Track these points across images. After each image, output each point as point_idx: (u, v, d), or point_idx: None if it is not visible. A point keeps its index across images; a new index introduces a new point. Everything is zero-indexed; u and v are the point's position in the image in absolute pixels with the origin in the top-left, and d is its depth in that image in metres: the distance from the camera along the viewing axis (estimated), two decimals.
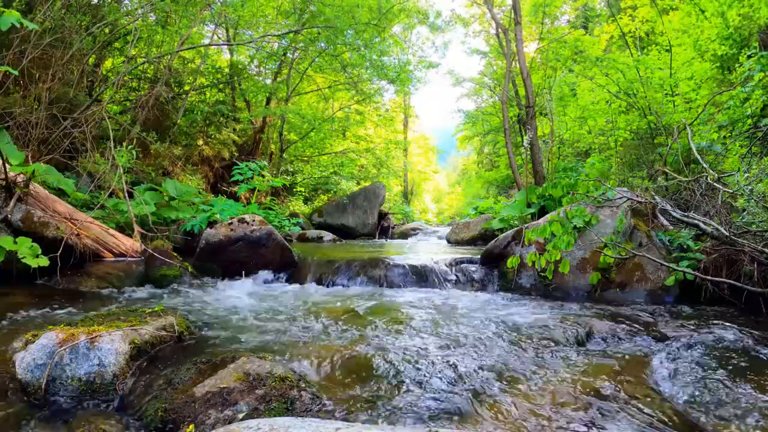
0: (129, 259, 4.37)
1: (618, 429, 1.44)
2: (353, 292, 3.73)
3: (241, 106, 11.12)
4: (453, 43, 50.83)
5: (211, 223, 4.76)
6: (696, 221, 3.32)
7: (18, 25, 2.72)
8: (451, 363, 1.96)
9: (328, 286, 3.99)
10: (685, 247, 3.47)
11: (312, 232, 8.73)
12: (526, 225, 4.09)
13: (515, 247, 3.94)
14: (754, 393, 1.68)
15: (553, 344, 2.26)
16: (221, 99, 10.57)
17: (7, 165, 3.57)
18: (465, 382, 1.77)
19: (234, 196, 8.65)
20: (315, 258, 4.50)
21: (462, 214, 18.23)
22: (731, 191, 3.51)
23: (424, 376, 1.82)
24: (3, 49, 5.00)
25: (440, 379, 1.80)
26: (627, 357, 2.08)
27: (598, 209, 3.88)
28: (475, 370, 1.88)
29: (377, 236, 10.74)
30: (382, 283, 3.98)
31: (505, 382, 1.78)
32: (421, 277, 4.03)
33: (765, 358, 2.06)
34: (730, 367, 1.94)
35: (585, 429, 1.45)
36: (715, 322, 2.65)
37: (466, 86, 19.17)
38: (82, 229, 3.98)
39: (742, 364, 1.99)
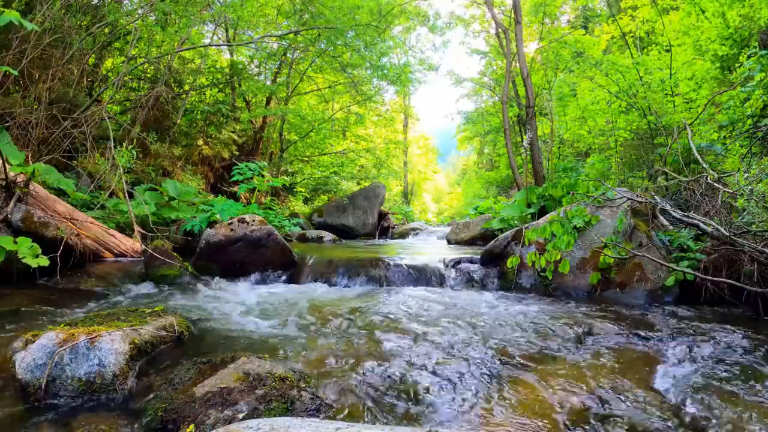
0: (129, 259, 4.37)
1: (617, 428, 1.44)
2: (353, 291, 3.73)
3: (241, 106, 11.12)
4: (453, 44, 50.69)
5: (211, 224, 4.76)
6: (696, 221, 3.32)
7: (17, 23, 2.71)
8: (450, 362, 1.96)
9: (328, 286, 3.99)
10: (685, 247, 3.47)
11: (312, 232, 8.72)
12: (526, 225, 4.09)
13: (515, 247, 3.94)
14: (754, 393, 1.68)
15: (552, 344, 2.26)
16: (221, 99, 10.57)
17: (7, 165, 3.57)
18: (464, 382, 1.77)
19: (234, 196, 8.65)
20: (315, 258, 4.50)
21: (462, 214, 18.23)
22: (731, 191, 3.51)
23: (424, 375, 1.82)
24: (3, 49, 5.00)
25: (440, 378, 1.80)
26: (626, 357, 2.08)
27: (598, 209, 3.88)
28: (474, 370, 1.88)
29: (377, 236, 10.73)
30: (382, 282, 3.99)
31: (504, 382, 1.78)
32: (421, 276, 4.03)
33: (763, 358, 2.06)
34: (730, 368, 1.94)
35: (583, 428, 1.45)
36: (715, 322, 2.65)
37: (467, 86, 19.15)
38: (82, 229, 3.98)
39: (742, 364, 1.99)
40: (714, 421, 1.51)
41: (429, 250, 6.28)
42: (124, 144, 5.45)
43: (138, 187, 5.90)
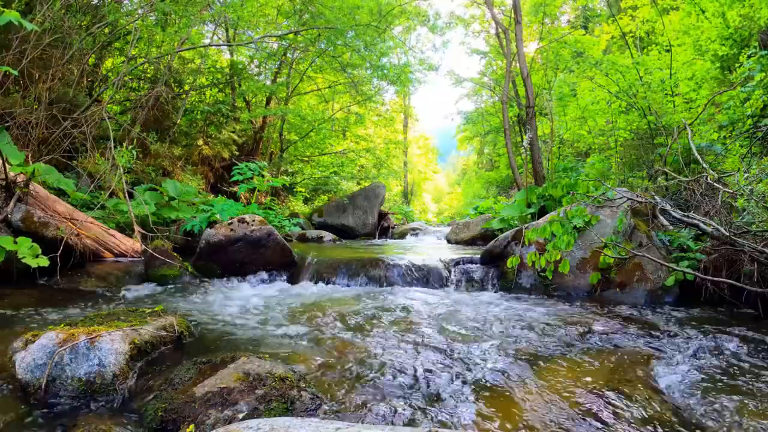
0: (129, 259, 4.37)
1: (617, 428, 1.44)
2: (353, 291, 3.73)
3: (241, 106, 11.12)
4: (453, 44, 50.73)
5: (211, 224, 4.76)
6: (696, 221, 3.32)
7: (17, 23, 2.71)
8: (450, 362, 1.96)
9: (328, 286, 3.99)
10: (685, 247, 3.47)
11: (312, 232, 8.72)
12: (526, 225, 4.09)
13: (515, 247, 3.94)
14: (753, 393, 1.68)
15: (552, 344, 2.26)
16: (221, 99, 10.57)
17: (7, 165, 3.57)
18: (464, 381, 1.77)
19: (234, 196, 8.65)
20: (315, 258, 4.50)
21: (462, 214, 18.23)
22: (731, 191, 3.51)
23: (424, 375, 1.82)
24: (3, 49, 5.00)
25: (440, 378, 1.80)
26: (626, 356, 2.08)
27: (598, 209, 3.88)
28: (474, 370, 1.88)
29: (377, 236, 10.73)
30: (382, 282, 3.99)
31: (504, 382, 1.78)
32: (421, 276, 4.03)
33: (763, 358, 2.06)
34: (730, 368, 1.94)
35: (584, 428, 1.45)
36: (715, 322, 2.65)
37: (467, 86, 19.15)
38: (82, 229, 3.98)
39: (742, 364, 1.99)
40: (714, 420, 1.51)
41: (429, 250, 6.28)
42: (124, 144, 5.45)
43: (138, 187, 5.90)
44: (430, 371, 1.86)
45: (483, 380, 1.80)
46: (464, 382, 1.77)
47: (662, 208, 3.78)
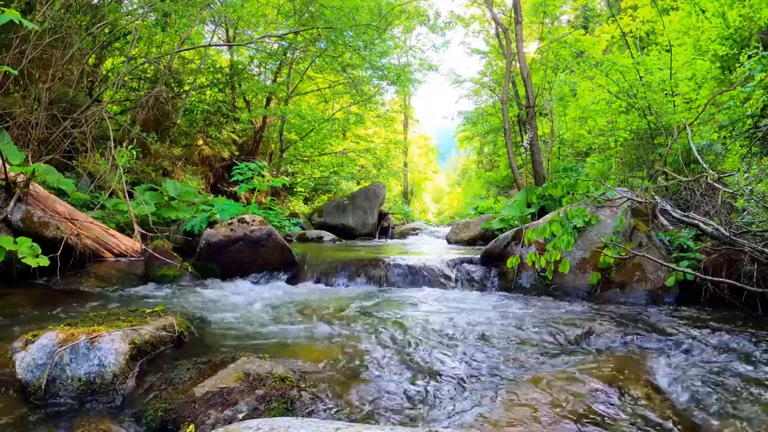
0: (129, 259, 4.37)
1: (617, 428, 1.44)
2: (353, 291, 3.73)
3: (241, 106, 11.13)
4: (453, 43, 50.94)
5: (211, 223, 4.76)
6: (696, 221, 3.32)
7: (17, 23, 2.72)
8: (450, 363, 1.96)
9: (328, 286, 3.99)
10: (685, 247, 3.47)
11: (312, 232, 8.72)
12: (526, 225, 4.09)
13: (515, 247, 3.94)
14: (754, 393, 1.68)
15: (552, 344, 2.26)
16: (221, 99, 10.57)
17: (7, 165, 3.57)
18: (463, 382, 1.77)
19: (234, 196, 8.65)
20: (315, 258, 4.50)
21: (462, 214, 18.25)
22: (731, 191, 3.51)
23: (424, 375, 1.82)
24: (3, 49, 5.00)
25: (440, 378, 1.80)
26: (627, 356, 2.08)
27: (598, 209, 3.87)
28: (473, 370, 1.88)
29: (377, 236, 10.73)
30: (382, 283, 3.99)
31: (504, 382, 1.78)
32: (421, 277, 4.03)
33: (763, 358, 2.06)
34: (730, 368, 1.94)
35: (584, 428, 1.45)
36: (715, 322, 2.65)
37: (466, 86, 19.15)
38: (82, 229, 3.98)
39: (742, 364, 1.99)
40: (715, 420, 1.51)
41: (429, 250, 6.28)
42: (124, 144, 5.44)
43: (138, 187, 5.90)
44: (430, 371, 1.86)
45: (483, 380, 1.80)
46: (464, 382, 1.77)
47: (662, 208, 3.78)
